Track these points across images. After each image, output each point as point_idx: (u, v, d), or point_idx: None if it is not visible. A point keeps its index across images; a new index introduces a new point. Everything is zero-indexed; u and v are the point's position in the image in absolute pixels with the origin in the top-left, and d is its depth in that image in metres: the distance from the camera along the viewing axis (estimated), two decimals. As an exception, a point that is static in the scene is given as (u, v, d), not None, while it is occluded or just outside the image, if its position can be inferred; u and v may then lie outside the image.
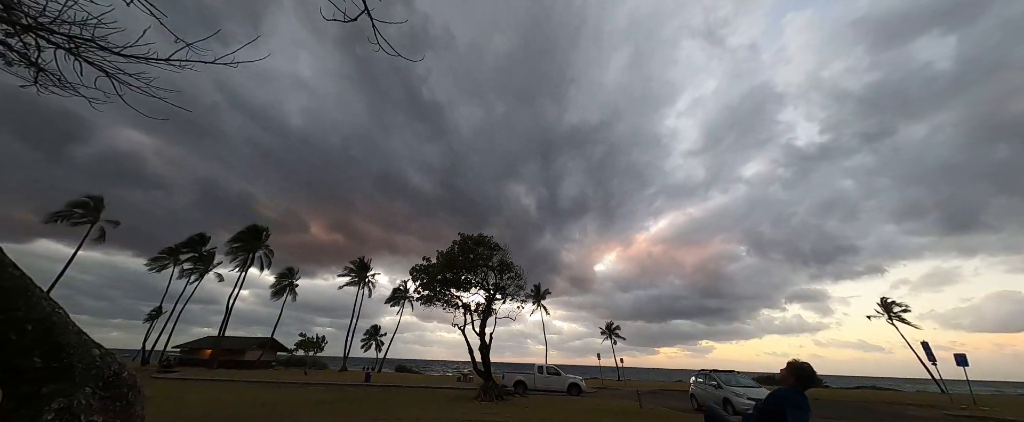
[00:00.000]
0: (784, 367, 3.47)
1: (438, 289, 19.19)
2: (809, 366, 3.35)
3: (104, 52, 2.70)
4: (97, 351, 2.31)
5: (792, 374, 3.36)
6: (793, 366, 3.39)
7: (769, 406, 3.29)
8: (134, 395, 2.44)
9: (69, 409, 2.03)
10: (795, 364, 3.39)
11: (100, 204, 37.20)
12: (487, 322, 18.68)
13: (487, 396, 15.62)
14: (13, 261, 2.15)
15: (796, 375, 3.35)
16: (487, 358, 18.07)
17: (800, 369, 3.35)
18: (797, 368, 3.36)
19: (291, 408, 12.30)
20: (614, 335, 59.52)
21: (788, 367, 3.43)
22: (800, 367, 3.35)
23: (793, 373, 3.36)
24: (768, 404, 3.31)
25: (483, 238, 19.65)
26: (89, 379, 2.19)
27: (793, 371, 3.37)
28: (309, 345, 50.92)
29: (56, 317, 2.18)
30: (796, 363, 3.39)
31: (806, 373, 3.33)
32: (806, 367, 3.35)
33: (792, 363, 3.41)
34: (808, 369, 3.34)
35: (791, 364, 3.42)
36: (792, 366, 3.39)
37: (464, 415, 11.29)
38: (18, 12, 2.52)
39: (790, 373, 3.38)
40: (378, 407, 12.99)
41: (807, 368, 3.34)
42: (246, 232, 44.42)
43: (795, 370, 3.36)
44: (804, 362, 3.37)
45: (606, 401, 17.66)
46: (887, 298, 43.66)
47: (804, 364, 3.37)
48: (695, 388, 15.74)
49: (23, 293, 2.08)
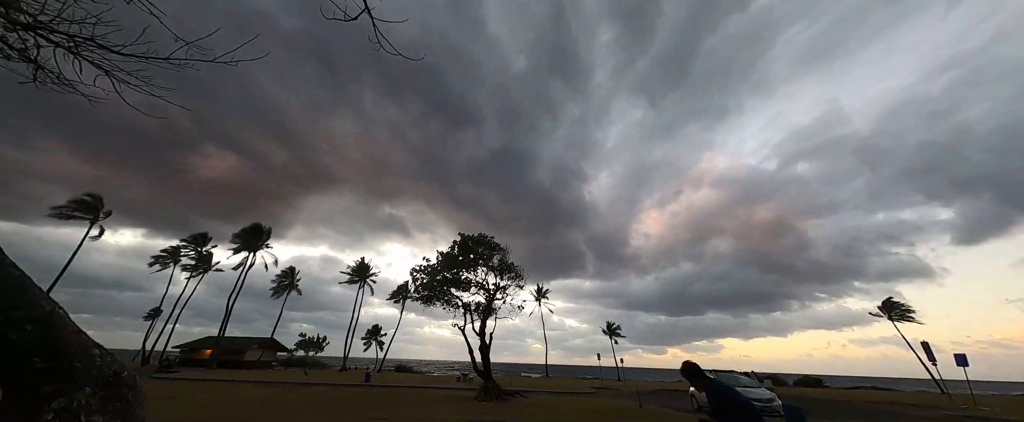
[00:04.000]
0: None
1: (438, 289, 19.20)
2: (690, 363, 3.93)
3: (103, 50, 2.69)
4: (97, 351, 2.30)
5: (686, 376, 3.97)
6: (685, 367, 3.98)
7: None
8: (134, 395, 2.43)
9: (69, 409, 2.02)
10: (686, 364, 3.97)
11: (100, 203, 37.22)
12: (487, 322, 18.69)
13: (487, 396, 15.61)
14: (13, 261, 2.14)
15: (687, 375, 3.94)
16: (487, 358, 18.06)
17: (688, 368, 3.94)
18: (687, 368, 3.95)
19: (292, 408, 12.28)
20: (614, 335, 60.03)
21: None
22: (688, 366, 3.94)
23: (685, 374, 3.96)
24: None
25: (483, 238, 19.65)
26: (89, 379, 2.18)
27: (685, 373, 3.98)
28: (309, 345, 50.92)
29: (56, 317, 2.17)
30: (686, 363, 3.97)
31: (691, 370, 3.90)
32: (689, 364, 3.93)
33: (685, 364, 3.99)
34: (691, 365, 3.92)
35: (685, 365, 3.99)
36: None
37: (464, 415, 11.29)
38: (17, 10, 2.51)
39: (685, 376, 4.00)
40: (378, 407, 12.98)
41: (690, 365, 3.92)
42: (248, 230, 44.42)
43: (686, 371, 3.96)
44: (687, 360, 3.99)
45: (606, 401, 17.66)
46: (891, 298, 43.25)
47: (687, 362, 3.95)
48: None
49: (23, 293, 2.07)
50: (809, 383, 41.25)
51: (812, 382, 41.83)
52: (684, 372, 3.95)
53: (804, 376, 45.67)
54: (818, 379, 44.27)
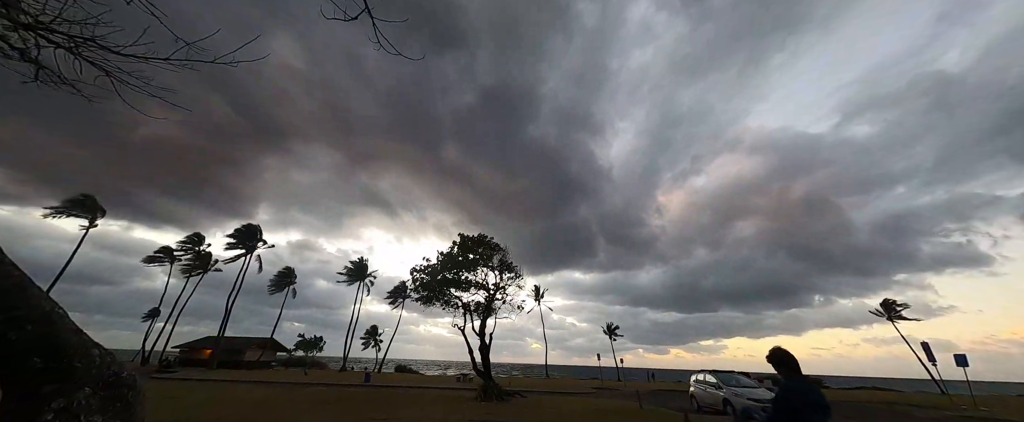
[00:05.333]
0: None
1: (438, 289, 19.21)
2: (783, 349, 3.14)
3: (103, 51, 2.69)
4: (97, 351, 2.30)
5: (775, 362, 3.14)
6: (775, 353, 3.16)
7: (780, 402, 2.99)
8: (134, 395, 2.43)
9: (69, 409, 2.03)
10: (775, 351, 3.17)
11: (95, 203, 37.29)
12: (487, 322, 18.70)
13: (487, 396, 15.61)
14: (13, 261, 2.14)
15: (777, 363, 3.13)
16: (487, 358, 18.07)
17: (780, 355, 3.13)
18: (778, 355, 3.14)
19: (292, 408, 12.28)
20: (613, 335, 60.71)
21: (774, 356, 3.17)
22: (779, 353, 3.14)
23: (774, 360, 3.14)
24: (779, 400, 3.01)
25: (483, 238, 19.68)
26: (89, 379, 2.18)
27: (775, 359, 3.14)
28: (308, 345, 50.96)
29: (56, 317, 2.17)
30: (776, 349, 3.17)
31: (784, 358, 3.11)
32: (779, 351, 3.15)
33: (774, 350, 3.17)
34: (781, 352, 3.14)
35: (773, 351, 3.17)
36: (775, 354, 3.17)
37: (464, 415, 11.29)
38: (18, 10, 2.51)
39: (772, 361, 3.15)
40: (378, 407, 12.98)
41: (780, 351, 3.15)
42: (242, 231, 44.48)
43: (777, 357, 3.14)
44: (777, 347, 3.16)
45: (606, 401, 17.66)
46: (888, 298, 43.93)
47: (777, 348, 3.16)
48: (695, 388, 15.73)
49: (23, 292, 2.07)
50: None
51: (813, 382, 41.92)
52: (773, 359, 3.12)
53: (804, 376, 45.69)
54: (818, 379, 44.32)
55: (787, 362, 3.09)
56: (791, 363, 3.08)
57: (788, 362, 3.09)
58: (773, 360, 3.14)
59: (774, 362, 3.13)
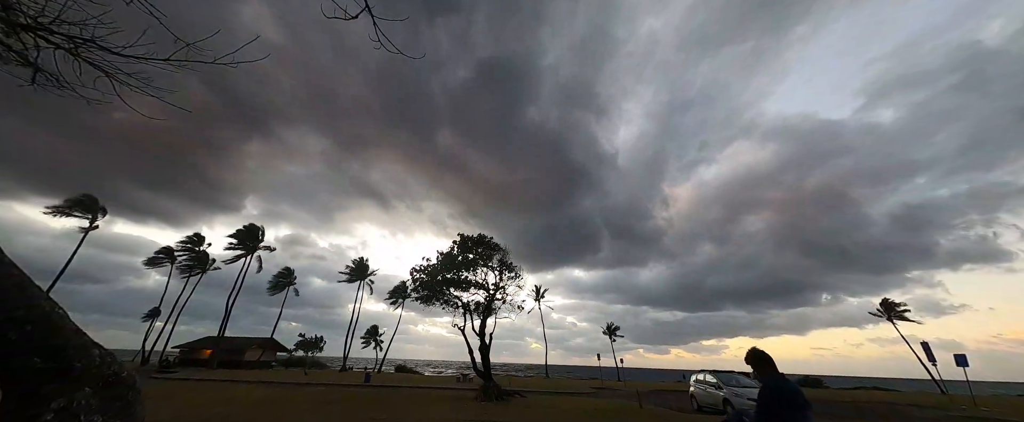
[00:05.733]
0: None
1: (438, 289, 19.20)
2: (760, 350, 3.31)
3: (103, 52, 2.69)
4: (97, 351, 2.30)
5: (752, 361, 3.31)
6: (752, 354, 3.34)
7: (760, 401, 3.12)
8: (134, 395, 2.43)
9: (69, 409, 2.03)
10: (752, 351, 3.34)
11: (95, 203, 37.29)
12: (487, 322, 18.70)
13: (487, 396, 15.61)
14: (12, 260, 2.14)
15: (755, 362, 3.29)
16: (487, 358, 18.06)
17: (756, 354, 3.30)
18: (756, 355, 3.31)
19: (292, 408, 12.28)
20: (613, 335, 60.75)
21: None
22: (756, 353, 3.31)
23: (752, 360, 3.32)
24: (759, 399, 3.14)
25: (483, 238, 19.69)
26: (89, 379, 2.19)
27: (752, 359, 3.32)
28: (308, 345, 50.95)
29: (56, 317, 2.17)
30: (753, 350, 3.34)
31: (761, 357, 3.27)
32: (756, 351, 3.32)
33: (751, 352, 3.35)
34: (758, 352, 3.30)
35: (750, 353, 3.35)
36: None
37: (464, 415, 11.29)
38: (17, 12, 2.51)
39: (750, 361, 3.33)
40: (379, 407, 12.98)
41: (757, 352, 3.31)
42: (244, 231, 44.46)
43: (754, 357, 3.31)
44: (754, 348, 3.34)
45: (606, 401, 17.67)
46: (888, 298, 43.89)
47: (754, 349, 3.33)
48: (695, 388, 15.73)
49: (23, 292, 2.07)
50: (808, 384, 41.26)
51: (812, 383, 41.88)
52: (750, 359, 3.28)
53: (804, 377, 45.73)
54: (818, 380, 44.35)
55: (764, 361, 3.27)
56: (768, 362, 3.25)
57: (765, 361, 3.27)
58: (750, 360, 3.33)
59: (751, 362, 3.32)
